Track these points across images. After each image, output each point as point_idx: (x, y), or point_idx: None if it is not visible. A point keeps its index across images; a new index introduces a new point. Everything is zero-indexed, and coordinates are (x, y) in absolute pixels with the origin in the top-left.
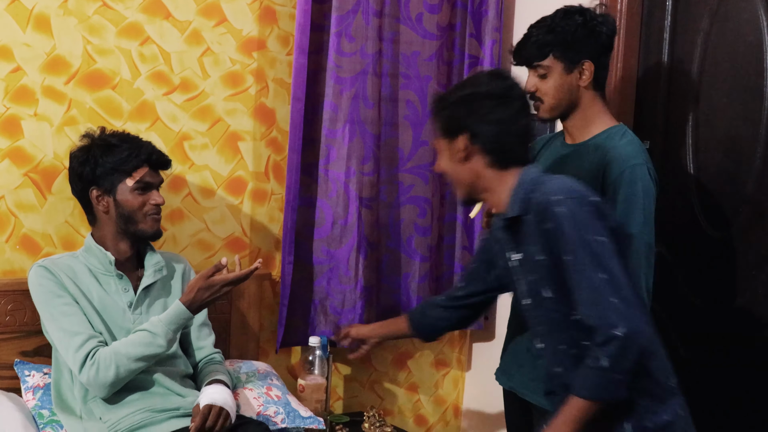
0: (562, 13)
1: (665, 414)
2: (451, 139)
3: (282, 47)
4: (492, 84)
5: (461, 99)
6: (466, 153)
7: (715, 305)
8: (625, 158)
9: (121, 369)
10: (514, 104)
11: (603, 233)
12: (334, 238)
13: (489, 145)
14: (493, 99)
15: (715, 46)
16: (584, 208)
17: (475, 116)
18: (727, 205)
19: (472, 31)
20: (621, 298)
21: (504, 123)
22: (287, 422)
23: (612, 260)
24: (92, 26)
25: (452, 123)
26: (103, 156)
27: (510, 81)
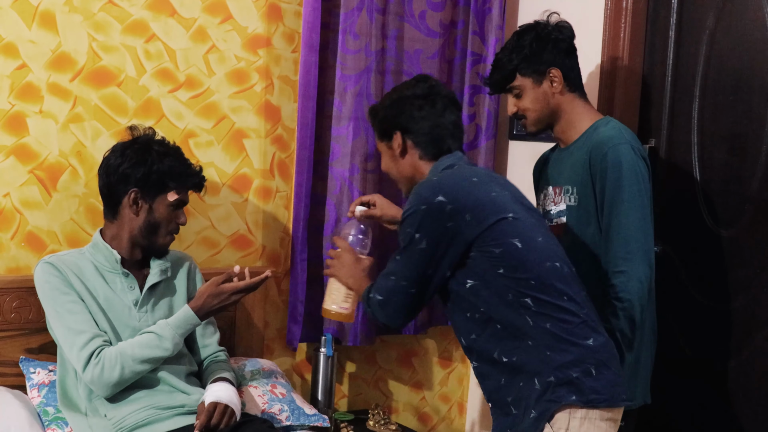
0: (517, 34)
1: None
2: (388, 139)
3: (287, 44)
4: (417, 86)
5: (391, 103)
6: (401, 148)
7: (719, 303)
8: (606, 140)
9: (126, 370)
10: (438, 101)
11: (422, 230)
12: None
13: (420, 138)
14: (418, 99)
15: (721, 44)
16: (420, 205)
17: (405, 115)
18: (731, 204)
19: (475, 29)
20: (396, 281)
21: (430, 118)
22: (292, 420)
23: (411, 253)
24: (97, 23)
25: (386, 124)
26: (160, 164)
27: (432, 82)
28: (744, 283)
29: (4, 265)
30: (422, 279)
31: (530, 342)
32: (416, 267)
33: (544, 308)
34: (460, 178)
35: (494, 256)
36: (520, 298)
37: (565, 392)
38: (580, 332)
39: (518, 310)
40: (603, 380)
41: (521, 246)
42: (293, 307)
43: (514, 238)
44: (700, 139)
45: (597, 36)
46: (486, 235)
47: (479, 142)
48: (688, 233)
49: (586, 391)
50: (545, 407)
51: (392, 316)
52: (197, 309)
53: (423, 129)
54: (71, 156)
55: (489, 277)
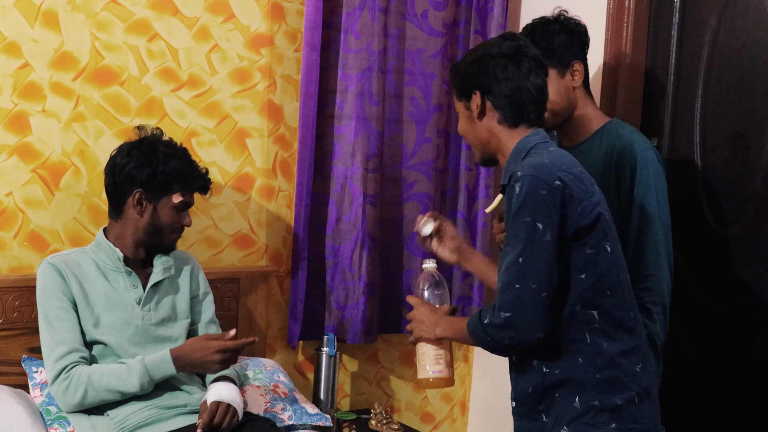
0: (540, 25)
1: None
2: (467, 99)
3: (290, 44)
4: (503, 45)
5: (474, 60)
6: (479, 109)
7: (722, 302)
8: (635, 144)
9: (89, 394)
10: (524, 63)
11: (544, 219)
12: (339, 234)
13: (500, 101)
14: (503, 58)
15: (723, 43)
16: (539, 191)
17: (487, 75)
18: (734, 203)
19: (477, 28)
20: (523, 287)
21: (514, 80)
22: (294, 419)
23: (536, 248)
24: (100, 22)
25: (465, 83)
26: (165, 166)
27: (520, 41)
28: (747, 282)
29: (6, 264)
30: (551, 278)
31: (581, 359)
32: (545, 263)
33: (607, 325)
34: (570, 161)
35: (583, 257)
36: (588, 309)
37: (607, 419)
38: (633, 357)
39: (580, 324)
40: (645, 409)
41: (610, 250)
42: (293, 306)
43: (606, 241)
44: (703, 138)
45: (600, 35)
46: (588, 230)
47: None
48: (690, 232)
49: (627, 420)
50: (582, 428)
51: (528, 331)
52: (176, 356)
53: (505, 91)
54: (74, 155)
55: (564, 281)
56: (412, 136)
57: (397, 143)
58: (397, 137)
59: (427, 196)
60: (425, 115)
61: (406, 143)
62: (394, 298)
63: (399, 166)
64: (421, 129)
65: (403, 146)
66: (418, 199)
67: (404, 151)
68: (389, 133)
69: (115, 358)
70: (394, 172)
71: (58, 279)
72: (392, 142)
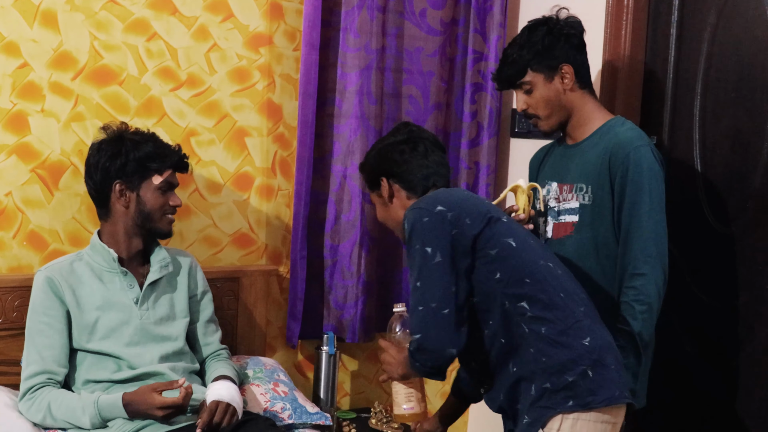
0: (527, 29)
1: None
2: (377, 187)
3: (289, 43)
4: (398, 133)
5: (376, 153)
6: (389, 193)
7: (721, 301)
8: (628, 142)
9: (47, 420)
10: (419, 144)
11: (432, 242)
12: (338, 232)
13: (405, 179)
14: (400, 144)
15: (722, 41)
16: (422, 218)
17: (389, 161)
18: (733, 201)
19: (476, 27)
20: (425, 308)
21: (414, 160)
22: (294, 418)
23: (428, 270)
24: (99, 22)
25: (373, 174)
26: (135, 151)
27: (413, 127)
28: (746, 280)
29: (6, 264)
30: (450, 295)
31: (532, 350)
32: (440, 282)
33: (539, 310)
34: (451, 191)
35: (491, 259)
36: (517, 303)
37: (562, 398)
38: (576, 333)
39: (514, 319)
40: (600, 380)
41: (515, 245)
42: (293, 305)
43: (509, 237)
44: (702, 136)
45: (599, 33)
46: (484, 234)
47: (481, 140)
48: (690, 230)
49: (583, 394)
50: (540, 413)
51: (439, 349)
52: (127, 402)
53: (408, 170)
54: (73, 155)
55: (487, 288)
56: None
57: None
58: None
59: None
60: (423, 114)
61: None
62: (393, 297)
63: None
64: None
65: None
66: None
67: None
68: (387, 132)
69: (114, 361)
70: None
71: (48, 293)
72: None
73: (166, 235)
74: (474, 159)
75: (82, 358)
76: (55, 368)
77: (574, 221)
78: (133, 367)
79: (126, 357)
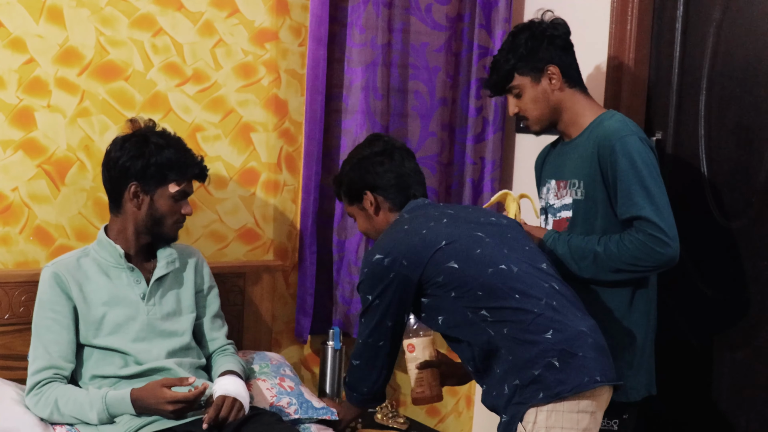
0: (512, 35)
1: None
2: (359, 201)
3: (294, 38)
4: (373, 145)
5: (352, 167)
6: (374, 206)
7: (726, 296)
8: (612, 133)
9: (54, 415)
10: (395, 154)
11: (377, 296)
12: (344, 228)
13: (388, 191)
14: (378, 155)
15: (727, 37)
16: (365, 271)
17: (370, 174)
18: (739, 196)
19: (481, 22)
20: (361, 350)
21: (393, 170)
22: (300, 413)
23: (375, 319)
24: (105, 17)
25: (354, 187)
26: (158, 156)
27: (385, 138)
28: (752, 275)
29: (12, 259)
30: (385, 330)
31: (503, 351)
32: (378, 322)
33: (498, 314)
34: (394, 232)
35: (441, 284)
36: (477, 312)
37: (532, 392)
38: (536, 328)
39: (479, 324)
40: (567, 369)
41: (458, 266)
42: (302, 300)
43: (450, 262)
44: (707, 131)
45: (603, 29)
46: (427, 271)
47: (486, 134)
48: (695, 226)
49: (552, 385)
50: (515, 411)
51: (370, 374)
52: (135, 398)
53: (389, 182)
54: (79, 150)
55: (447, 305)
56: (416, 130)
57: (401, 137)
58: (402, 131)
59: (432, 191)
60: (429, 109)
61: (411, 137)
62: None
63: None
64: (425, 123)
65: (408, 140)
66: None
67: (408, 145)
68: (394, 127)
69: (121, 356)
70: None
71: (56, 289)
72: (397, 137)
73: (172, 240)
74: (479, 154)
75: (88, 354)
76: (61, 363)
77: (569, 217)
78: (140, 362)
79: (133, 352)
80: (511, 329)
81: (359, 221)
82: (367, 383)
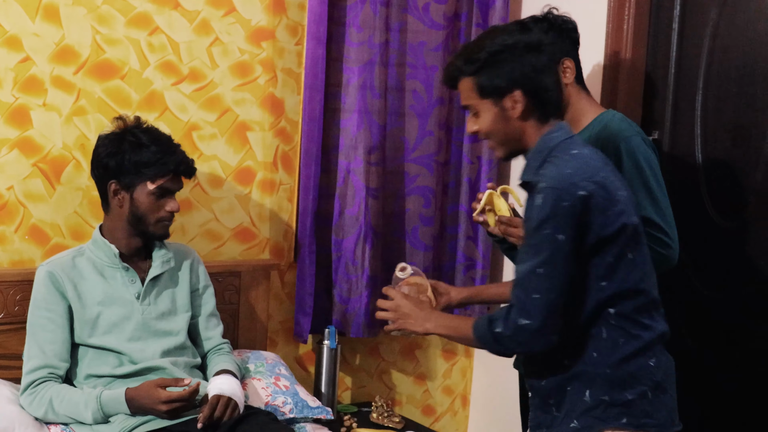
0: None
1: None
2: (496, 97)
3: (291, 37)
4: (524, 35)
5: (502, 56)
6: (523, 108)
7: (723, 294)
8: (618, 133)
9: (49, 415)
10: (545, 52)
11: (566, 231)
12: (342, 227)
13: (537, 97)
14: (532, 50)
15: (724, 36)
16: (561, 202)
17: (524, 69)
18: (735, 195)
19: (479, 21)
20: (543, 296)
21: (545, 72)
22: (295, 412)
23: (557, 259)
24: (101, 16)
25: (500, 79)
26: (132, 154)
27: (537, 29)
28: (748, 274)
29: (8, 258)
30: (569, 287)
31: (595, 354)
32: (565, 274)
33: (624, 322)
34: (593, 168)
35: (603, 265)
36: (607, 308)
37: (617, 413)
38: (647, 353)
39: (598, 320)
40: (659, 404)
41: (632, 257)
42: (301, 300)
43: (629, 250)
44: (704, 131)
45: (600, 28)
46: (604, 243)
47: None
48: (691, 225)
49: (639, 415)
50: (591, 423)
51: (545, 337)
52: (130, 397)
53: (545, 86)
54: (75, 149)
55: (583, 285)
56: (413, 129)
57: (398, 136)
58: (399, 130)
59: (428, 190)
60: (427, 109)
61: (408, 136)
62: None
63: (401, 160)
64: (422, 122)
65: (405, 139)
66: (420, 193)
67: (406, 144)
68: (391, 126)
69: (115, 356)
70: (396, 165)
71: (50, 288)
72: (394, 136)
73: (161, 238)
74: (476, 153)
75: (83, 353)
76: (56, 363)
77: None
78: (135, 362)
79: (127, 352)
80: (626, 343)
81: (485, 119)
82: (536, 344)
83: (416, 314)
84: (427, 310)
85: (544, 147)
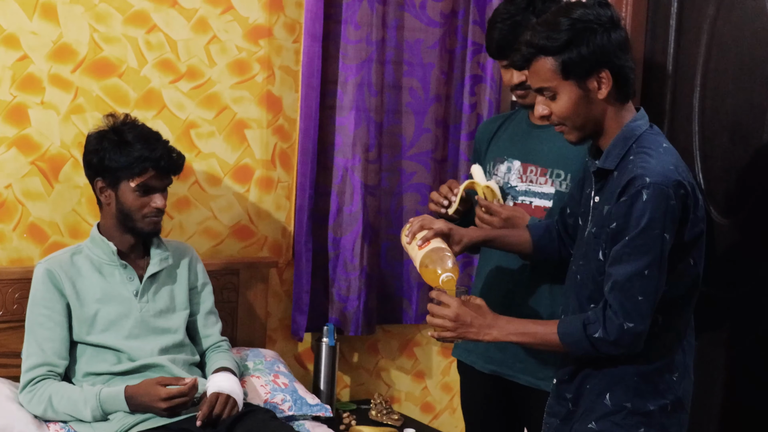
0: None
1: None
2: (584, 77)
3: (289, 35)
4: (604, 12)
5: (589, 30)
6: (609, 90)
7: (722, 292)
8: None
9: (48, 413)
10: (624, 29)
11: (670, 230)
12: (340, 225)
13: (622, 77)
14: (616, 28)
15: (722, 33)
16: (669, 201)
17: (611, 46)
18: (733, 192)
19: (476, 18)
20: (646, 300)
21: (627, 50)
22: (294, 410)
23: (662, 261)
24: (99, 14)
25: (587, 58)
26: (113, 152)
27: (611, 6)
28: (746, 272)
29: (6, 256)
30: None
31: (625, 358)
32: (664, 275)
33: (663, 331)
34: (686, 166)
35: (671, 271)
36: (655, 314)
37: (636, 422)
38: (673, 366)
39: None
40: (675, 419)
41: (693, 263)
42: (298, 298)
43: (694, 256)
44: (702, 127)
45: None
46: (686, 245)
47: None
48: None
49: (655, 427)
50: (609, 428)
51: (641, 340)
52: (129, 395)
53: (629, 65)
54: (73, 147)
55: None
56: (410, 126)
57: (396, 134)
58: (396, 128)
59: (426, 187)
60: (424, 106)
61: (405, 134)
62: (394, 289)
63: (398, 157)
64: (419, 120)
65: (402, 137)
66: (416, 190)
67: (403, 141)
68: (388, 123)
69: (114, 353)
70: (394, 162)
71: (49, 286)
72: (391, 133)
73: (150, 235)
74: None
75: (82, 351)
76: (55, 360)
77: (547, 206)
78: (133, 359)
79: (126, 349)
80: (656, 353)
81: (564, 102)
82: (635, 347)
83: (479, 322)
84: (489, 317)
85: (630, 135)
